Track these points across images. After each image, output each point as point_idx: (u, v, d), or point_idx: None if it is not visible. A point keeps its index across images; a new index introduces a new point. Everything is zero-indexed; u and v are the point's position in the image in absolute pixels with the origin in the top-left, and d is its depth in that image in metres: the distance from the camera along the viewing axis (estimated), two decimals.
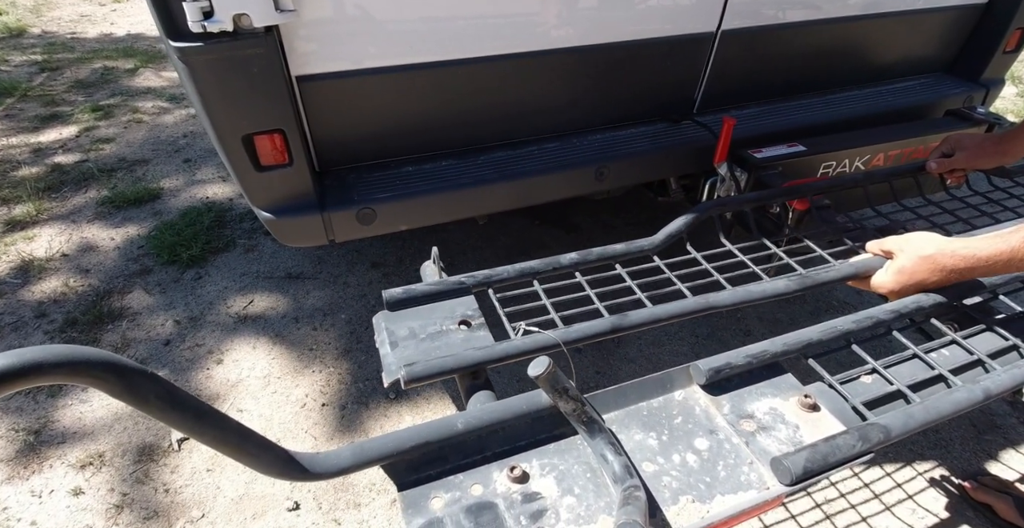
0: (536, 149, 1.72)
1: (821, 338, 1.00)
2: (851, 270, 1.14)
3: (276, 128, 1.26)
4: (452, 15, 1.40)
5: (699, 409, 0.92)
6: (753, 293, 1.07)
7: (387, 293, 1.03)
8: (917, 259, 1.02)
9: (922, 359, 1.02)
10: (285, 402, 1.84)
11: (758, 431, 0.89)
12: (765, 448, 0.84)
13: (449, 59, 1.46)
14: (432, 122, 1.56)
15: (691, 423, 0.90)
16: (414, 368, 0.86)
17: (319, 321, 2.16)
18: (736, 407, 0.92)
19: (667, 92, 1.83)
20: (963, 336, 1.07)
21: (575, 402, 0.80)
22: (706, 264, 1.21)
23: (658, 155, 1.75)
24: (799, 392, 0.94)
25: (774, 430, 0.89)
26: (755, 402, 0.92)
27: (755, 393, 0.95)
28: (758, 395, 0.94)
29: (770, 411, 0.92)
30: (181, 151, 3.27)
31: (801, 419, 0.89)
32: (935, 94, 2.16)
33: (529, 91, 1.63)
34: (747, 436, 0.88)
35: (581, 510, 0.74)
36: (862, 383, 0.99)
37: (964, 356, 1.03)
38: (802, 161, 1.74)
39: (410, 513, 0.73)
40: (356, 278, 2.38)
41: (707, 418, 0.90)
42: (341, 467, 0.72)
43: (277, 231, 1.38)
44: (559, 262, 1.13)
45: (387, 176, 1.55)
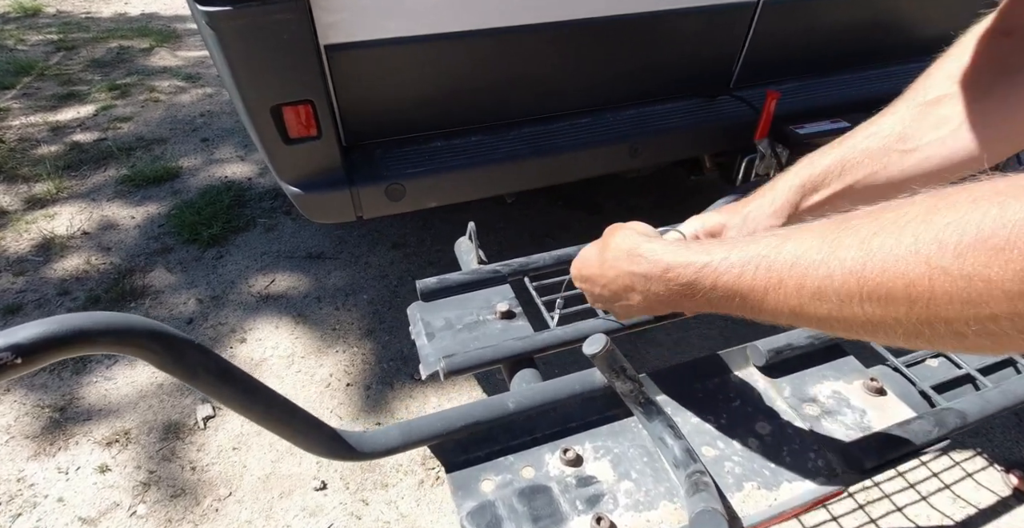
0: (568, 125, 1.66)
1: None
2: None
3: (305, 99, 1.21)
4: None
5: (758, 392, 0.87)
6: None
7: (421, 283, 0.99)
8: (614, 244, 0.64)
9: None
10: (310, 381, 1.82)
11: (822, 415, 0.84)
12: (831, 433, 0.79)
13: (481, 28, 1.40)
14: (462, 95, 1.50)
15: (750, 406, 0.85)
16: (454, 360, 0.83)
17: (341, 301, 2.13)
18: (797, 390, 0.87)
19: (704, 65, 1.76)
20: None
21: (632, 382, 0.75)
22: None
23: (694, 131, 1.69)
24: (863, 375, 0.89)
25: (839, 414, 0.85)
26: (817, 385, 0.88)
27: (816, 376, 0.90)
28: (820, 378, 0.90)
29: (834, 395, 0.87)
30: (199, 130, 3.24)
31: (867, 403, 0.85)
32: None
33: (562, 63, 1.57)
34: (811, 420, 0.83)
35: (640, 496, 0.71)
36: (928, 366, 0.94)
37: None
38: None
39: (461, 495, 0.70)
40: (377, 258, 2.34)
41: (767, 401, 0.86)
42: (389, 447, 0.68)
43: (305, 206, 1.34)
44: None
45: (416, 151, 1.50)
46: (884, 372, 0.92)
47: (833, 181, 0.73)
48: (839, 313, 0.40)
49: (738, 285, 0.46)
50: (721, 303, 0.50)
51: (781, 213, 0.75)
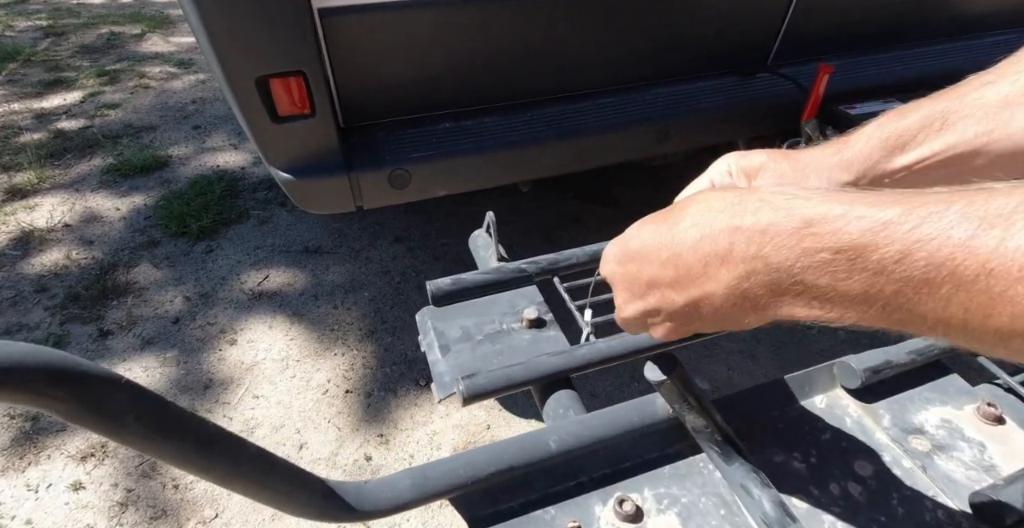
0: (592, 104, 1.50)
1: None
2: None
3: (296, 70, 1.05)
4: None
5: (851, 421, 0.72)
6: None
7: (432, 284, 0.83)
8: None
9: None
10: (305, 388, 1.67)
11: (934, 451, 0.69)
12: (950, 474, 0.64)
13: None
14: (476, 70, 1.34)
15: (844, 440, 0.70)
16: (475, 381, 0.67)
17: (340, 299, 1.98)
18: (899, 419, 0.71)
19: (740, 39, 1.59)
20: None
21: (707, 415, 0.60)
22: None
23: (730, 113, 1.52)
24: (974, 398, 0.74)
25: (954, 450, 0.69)
26: (921, 412, 0.72)
27: (918, 400, 0.74)
28: (923, 402, 0.74)
29: (943, 424, 0.71)
30: (190, 117, 3.07)
31: (985, 434, 0.69)
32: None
33: (585, 35, 1.40)
34: (921, 458, 0.67)
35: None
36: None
37: None
38: None
39: None
40: (378, 253, 2.18)
41: (864, 433, 0.70)
42: (398, 501, 0.53)
43: (297, 195, 1.18)
44: None
45: (422, 133, 1.34)
46: (995, 393, 0.76)
47: (930, 138, 0.51)
48: None
49: (953, 261, 0.27)
50: (902, 291, 0.30)
51: (852, 167, 0.54)
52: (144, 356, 1.74)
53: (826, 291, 0.33)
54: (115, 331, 1.82)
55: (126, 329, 1.83)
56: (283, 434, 1.54)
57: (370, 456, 1.51)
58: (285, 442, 1.52)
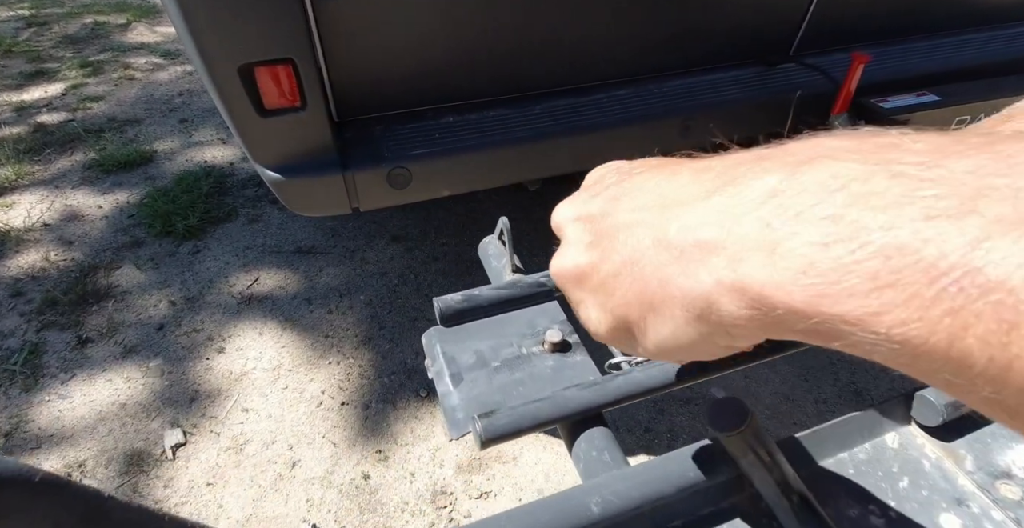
0: (604, 97, 1.39)
1: None
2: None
3: (284, 57, 0.94)
4: None
5: (929, 464, 0.62)
6: None
7: (441, 302, 0.72)
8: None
9: None
10: (298, 399, 1.57)
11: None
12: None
13: None
14: (481, 59, 1.23)
15: (925, 488, 0.60)
16: (495, 421, 0.57)
17: (335, 303, 1.87)
18: (982, 460, 0.62)
19: (762, 28, 1.48)
20: None
21: (779, 470, 0.50)
22: None
23: (754, 105, 1.43)
24: None
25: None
26: (1005, 450, 0.63)
27: (999, 436, 0.65)
28: (1005, 439, 0.64)
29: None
30: (176, 110, 2.95)
31: None
32: None
33: (597, 23, 1.30)
34: (1015, 509, 0.58)
35: None
36: None
37: None
38: (933, 114, 1.42)
39: None
40: (375, 253, 2.08)
41: (946, 480, 0.61)
42: None
43: (287, 196, 1.08)
44: None
45: (423, 128, 1.23)
46: None
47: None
48: None
49: None
50: None
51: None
52: (126, 366, 1.63)
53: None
54: (95, 338, 1.71)
55: (107, 336, 1.72)
56: (274, 451, 1.44)
57: (368, 475, 1.41)
58: (276, 459, 1.42)
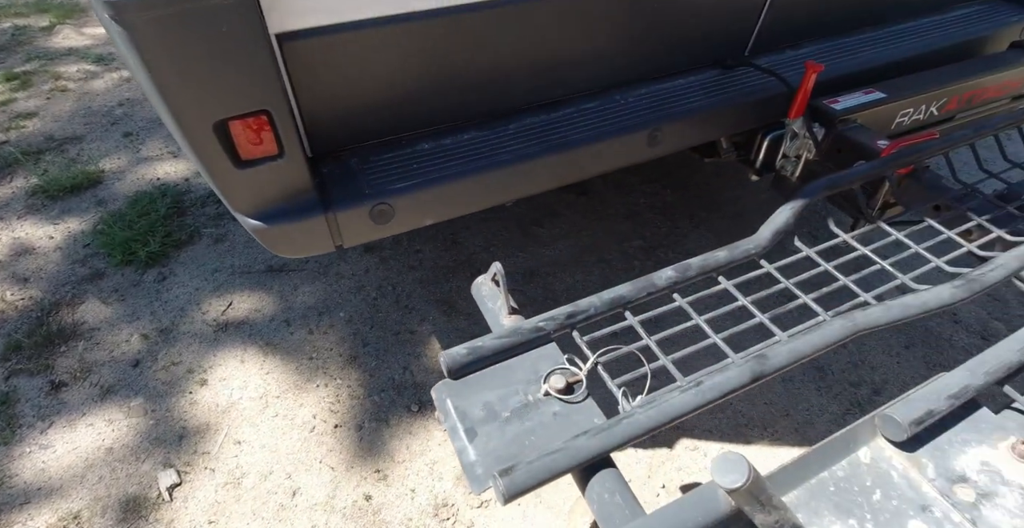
0: (575, 111, 1.41)
1: (1021, 359, 0.78)
2: (1019, 263, 0.91)
3: (259, 109, 0.92)
4: None
5: (896, 475, 0.70)
6: (911, 308, 0.84)
7: (447, 356, 0.75)
8: None
9: None
10: (290, 427, 1.57)
11: (980, 501, 0.67)
12: (998, 526, 0.63)
13: (468, 3, 1.13)
14: (449, 85, 1.23)
15: (895, 498, 0.67)
16: (515, 478, 0.61)
17: (315, 322, 1.86)
18: (942, 467, 0.70)
19: (718, 33, 1.52)
20: None
21: (778, 512, 0.55)
22: (827, 266, 0.96)
23: (717, 110, 1.46)
24: (1005, 434, 0.73)
25: (998, 496, 0.68)
26: (961, 456, 0.70)
27: (956, 442, 0.73)
28: (961, 445, 0.72)
29: (983, 468, 0.70)
30: (119, 123, 2.81)
31: (1023, 475, 0.68)
32: (995, 22, 1.91)
33: (560, 40, 1.31)
34: (970, 510, 0.66)
35: None
36: None
37: None
38: (879, 110, 1.49)
39: None
40: (350, 266, 2.07)
41: (911, 488, 0.68)
42: None
43: (270, 242, 1.07)
44: (653, 284, 0.87)
45: (400, 158, 1.23)
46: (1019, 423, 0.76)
47: None
48: None
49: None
50: None
51: None
52: (106, 408, 1.60)
53: None
54: (69, 382, 1.66)
55: (81, 378, 1.67)
56: (273, 481, 1.45)
57: (370, 495, 1.44)
58: (276, 490, 1.43)
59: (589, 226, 2.33)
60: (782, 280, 0.94)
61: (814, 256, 0.99)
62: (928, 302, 0.84)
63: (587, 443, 0.68)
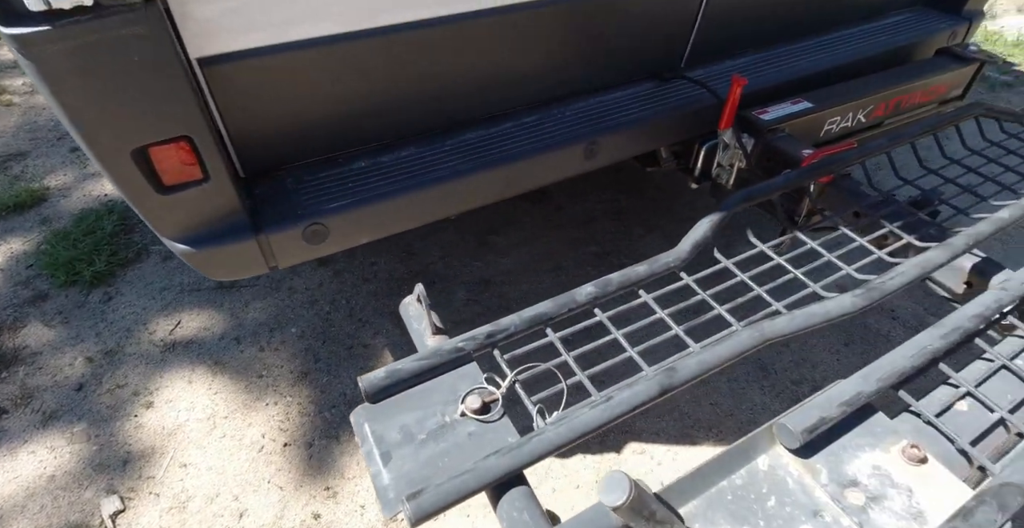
0: (512, 125, 1.44)
1: (913, 364, 0.82)
2: (918, 271, 0.96)
3: (179, 135, 0.92)
4: None
5: (792, 481, 0.73)
6: (815, 316, 0.88)
7: (365, 381, 0.77)
8: None
9: (1012, 372, 0.87)
10: (238, 447, 1.56)
11: (869, 504, 0.71)
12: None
13: (400, 23, 1.15)
14: (383, 102, 1.25)
15: (788, 504, 0.71)
16: (423, 501, 0.62)
17: (266, 339, 1.85)
18: (835, 472, 0.74)
19: (654, 46, 1.57)
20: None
21: (663, 526, 0.58)
22: (743, 276, 1.00)
23: (653, 122, 1.51)
24: (898, 438, 0.77)
25: (886, 499, 0.72)
26: (854, 461, 0.74)
27: (851, 447, 0.77)
28: (855, 449, 0.77)
29: (874, 472, 0.74)
30: (66, 138, 2.75)
31: (911, 478, 0.73)
32: (924, 29, 2.00)
33: (497, 55, 1.34)
34: (859, 514, 0.70)
35: None
36: (958, 412, 0.84)
37: None
38: (807, 119, 1.55)
39: None
40: (302, 281, 2.06)
41: (805, 493, 0.72)
42: None
43: (200, 265, 1.07)
44: (574, 300, 0.90)
45: (336, 176, 1.24)
46: (917, 428, 0.80)
47: None
48: None
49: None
50: None
51: None
52: (48, 434, 1.57)
53: None
54: (9, 409, 1.62)
55: (22, 405, 1.63)
56: (220, 504, 1.44)
57: (319, 514, 1.44)
58: (223, 513, 1.42)
59: (545, 233, 2.36)
60: (699, 292, 0.98)
61: (731, 267, 1.03)
62: (831, 311, 0.88)
63: (497, 462, 0.70)
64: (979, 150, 1.41)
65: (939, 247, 1.00)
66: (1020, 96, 3.42)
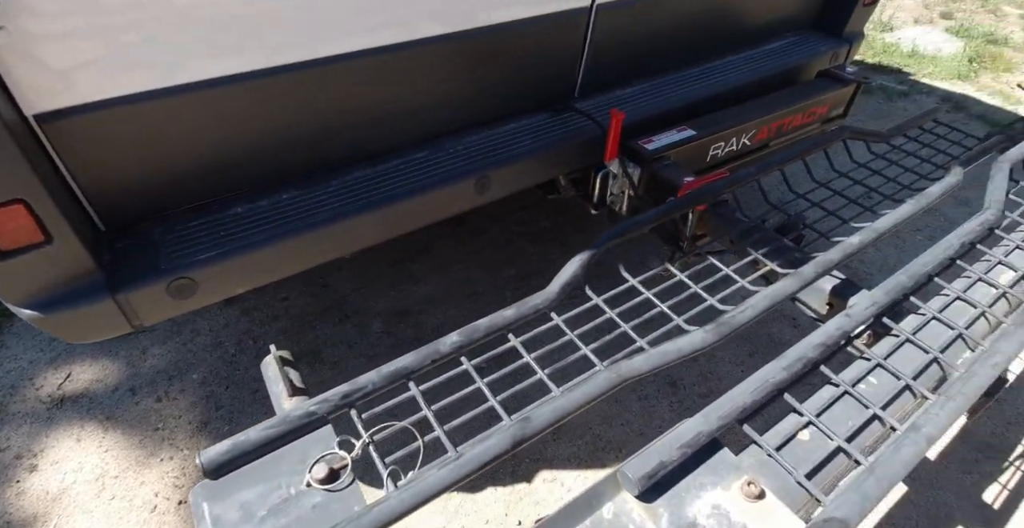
0: (402, 162, 1.43)
1: (755, 399, 0.86)
2: (768, 302, 1.01)
3: (11, 198, 0.87)
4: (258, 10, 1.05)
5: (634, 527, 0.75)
6: (669, 354, 0.90)
7: (204, 455, 0.74)
8: None
9: (854, 397, 0.92)
10: (128, 509, 1.47)
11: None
12: None
13: (267, 67, 1.13)
14: (260, 145, 1.22)
15: None
16: None
17: (164, 388, 1.77)
18: (675, 515, 0.75)
19: (545, 79, 1.60)
20: (886, 353, 1.00)
21: None
22: (612, 314, 1.03)
23: (544, 154, 1.53)
24: (740, 474, 0.80)
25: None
26: (696, 501, 0.76)
27: (694, 487, 0.79)
28: (698, 489, 0.79)
29: (714, 512, 0.76)
30: None
31: (749, 515, 0.75)
32: (806, 53, 2.11)
33: (381, 94, 1.34)
34: None
35: None
36: (800, 443, 0.87)
37: (892, 382, 0.94)
38: (692, 146, 1.61)
39: None
40: (207, 322, 1.98)
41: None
42: None
43: (53, 330, 1.01)
44: (437, 351, 0.89)
45: (210, 224, 1.20)
46: (760, 462, 0.83)
47: None
48: None
49: None
50: None
51: None
52: None
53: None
54: None
55: None
56: None
57: None
58: None
59: (463, 258, 2.36)
60: (567, 332, 0.99)
61: (601, 304, 1.05)
62: (683, 348, 0.91)
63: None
64: (846, 172, 1.50)
65: (792, 276, 1.05)
66: (915, 104, 3.67)
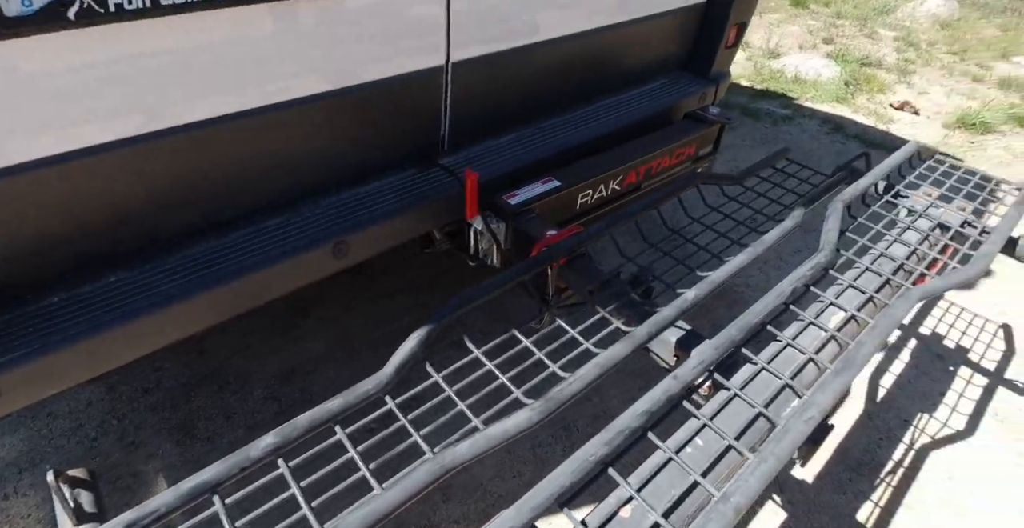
0: (252, 231, 1.38)
1: (574, 480, 0.85)
2: (598, 370, 1.02)
3: None
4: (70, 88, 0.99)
5: None
6: (494, 438, 0.89)
7: None
8: None
9: (679, 462, 0.92)
10: None
11: None
12: None
13: (82, 147, 1.06)
14: (76, 227, 1.14)
15: None
16: None
17: (13, 483, 1.60)
18: None
19: (408, 136, 1.59)
20: (716, 410, 1.03)
21: None
22: (450, 392, 1.01)
23: (406, 214, 1.51)
24: None
25: None
26: None
27: None
28: None
29: None
30: None
31: None
32: (676, 94, 2.20)
33: (231, 163, 1.29)
34: None
35: None
36: (621, 519, 0.87)
37: (717, 441, 0.96)
38: (558, 197, 1.64)
39: None
40: (66, 402, 1.82)
41: None
42: None
43: None
44: (248, 458, 0.84)
45: (20, 319, 1.10)
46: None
47: None
48: None
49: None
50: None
51: None
52: None
53: None
54: None
55: None
56: None
57: None
58: None
59: (359, 308, 2.29)
60: (400, 418, 0.96)
61: (441, 382, 1.03)
62: (509, 430, 0.89)
63: None
64: (698, 218, 1.56)
65: (625, 339, 1.06)
66: (799, 128, 3.91)
